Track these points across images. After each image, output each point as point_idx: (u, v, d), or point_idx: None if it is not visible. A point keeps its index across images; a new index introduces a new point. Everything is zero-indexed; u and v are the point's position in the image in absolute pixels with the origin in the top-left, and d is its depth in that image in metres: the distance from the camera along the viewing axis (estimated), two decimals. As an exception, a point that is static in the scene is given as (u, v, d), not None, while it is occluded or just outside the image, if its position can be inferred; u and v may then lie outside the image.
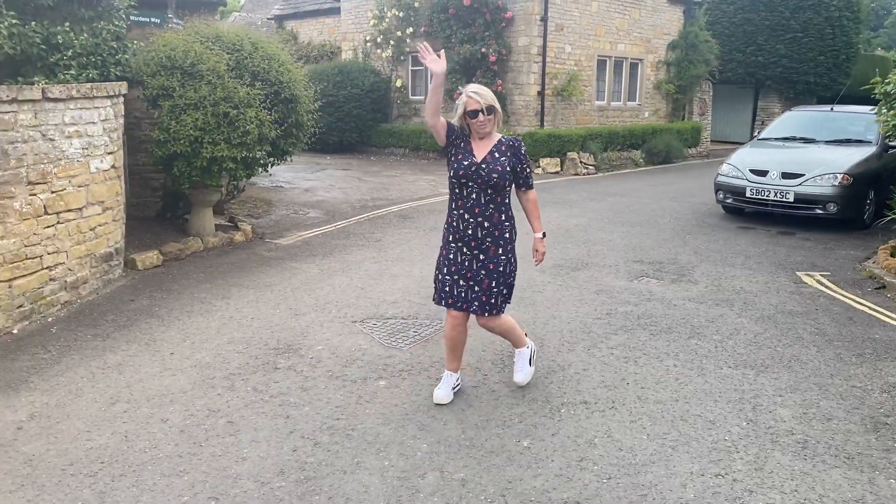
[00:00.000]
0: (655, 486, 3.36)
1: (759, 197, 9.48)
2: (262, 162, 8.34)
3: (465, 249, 4.11)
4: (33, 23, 6.69)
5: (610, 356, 4.96)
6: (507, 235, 4.15)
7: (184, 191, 7.88)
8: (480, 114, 4.00)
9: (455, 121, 4.14)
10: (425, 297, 6.26)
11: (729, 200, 9.97)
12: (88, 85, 6.17)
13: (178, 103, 7.12)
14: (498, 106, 4.08)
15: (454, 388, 4.35)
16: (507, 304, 4.30)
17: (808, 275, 7.18)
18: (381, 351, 5.05)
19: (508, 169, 4.05)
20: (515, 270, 4.25)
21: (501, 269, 4.13)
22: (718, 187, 10.09)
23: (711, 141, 22.21)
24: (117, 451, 3.75)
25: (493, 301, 4.15)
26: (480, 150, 4.07)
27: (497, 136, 4.15)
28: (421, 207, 10.83)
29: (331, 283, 6.70)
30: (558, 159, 15.92)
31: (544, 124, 16.50)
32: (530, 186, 4.25)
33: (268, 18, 27.17)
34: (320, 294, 6.37)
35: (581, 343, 5.20)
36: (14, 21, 6.48)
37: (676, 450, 3.70)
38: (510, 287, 4.23)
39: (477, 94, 4.04)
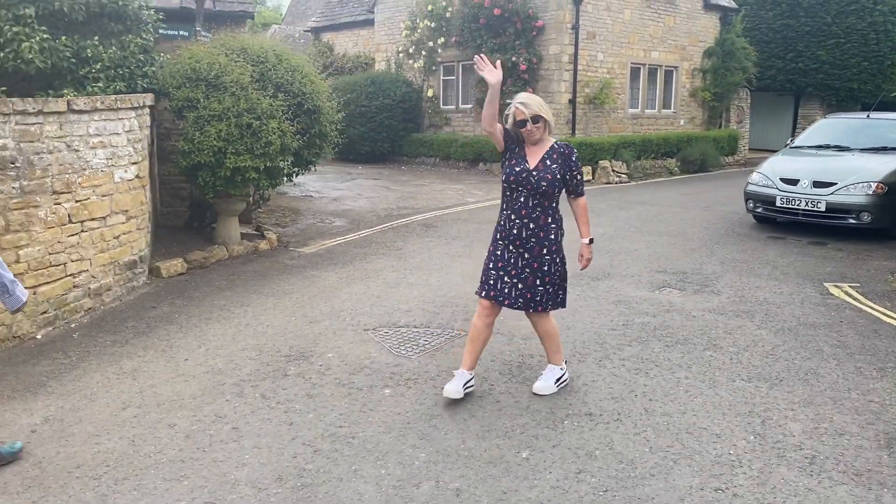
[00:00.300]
0: (652, 500, 3.31)
1: (790, 206, 9.28)
2: (286, 172, 8.45)
3: (511, 248, 4.29)
4: (64, 37, 6.90)
5: (621, 368, 4.89)
6: (552, 237, 4.29)
7: (209, 200, 8.02)
8: (528, 123, 4.15)
9: (508, 127, 4.29)
10: (439, 306, 6.27)
11: (759, 210, 9.78)
12: (113, 97, 6.34)
13: (202, 114, 7.27)
14: (546, 114, 4.18)
15: (466, 387, 4.37)
16: (560, 307, 4.44)
17: (836, 286, 6.99)
18: (390, 359, 5.06)
19: (559, 176, 4.21)
20: (562, 270, 4.37)
21: (546, 268, 4.29)
22: (748, 196, 9.91)
23: (750, 149, 21.83)
24: (123, 455, 3.82)
25: (537, 298, 4.31)
26: (533, 157, 4.24)
27: (550, 142, 4.29)
28: (445, 216, 10.84)
29: (348, 291, 6.75)
30: (590, 167, 15.79)
31: (576, 132, 16.41)
32: (580, 193, 4.38)
33: (304, 30, 27.58)
34: (336, 302, 6.42)
35: (593, 354, 5.14)
36: (45, 36, 6.69)
37: (678, 463, 3.63)
38: (557, 286, 4.36)
39: (523, 104, 4.17)
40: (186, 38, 8.82)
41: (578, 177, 4.31)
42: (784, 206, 9.34)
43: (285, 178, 8.62)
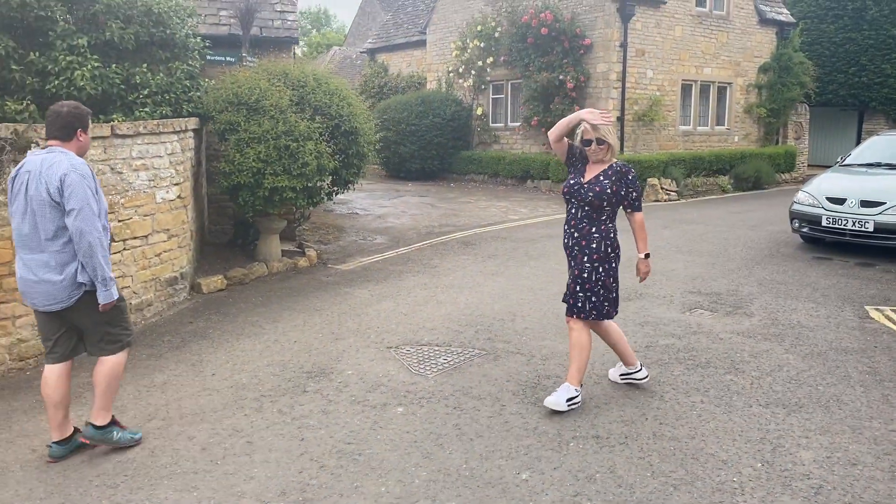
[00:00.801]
0: (645, 526, 3.30)
1: (836, 226, 9.03)
2: (325, 191, 8.68)
3: (567, 257, 4.68)
4: (114, 65, 7.27)
5: (636, 390, 4.87)
6: (593, 245, 4.52)
7: (249, 219, 8.30)
8: (593, 143, 4.49)
9: (576, 143, 4.64)
10: (464, 325, 6.34)
11: (805, 230, 9.54)
12: (155, 122, 6.66)
13: (242, 137, 7.55)
14: (611, 138, 4.50)
15: (570, 403, 4.49)
16: (606, 318, 4.66)
17: (877, 309, 6.78)
18: (407, 377, 5.15)
19: (609, 191, 4.46)
20: (603, 282, 4.55)
21: (585, 275, 4.53)
22: (794, 216, 9.68)
23: (809, 165, 21.23)
24: (141, 466, 4.01)
25: (578, 305, 4.57)
26: (590, 173, 4.55)
27: (609, 162, 4.56)
28: (485, 234, 10.92)
29: (377, 309, 6.89)
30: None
31: (624, 150, 16.27)
32: (636, 209, 4.60)
33: (360, 52, 28.15)
34: (364, 319, 6.56)
35: (610, 376, 5.13)
36: (96, 64, 7.06)
37: (678, 489, 3.61)
38: (601, 298, 4.56)
39: (595, 126, 4.46)
40: (233, 63, 9.17)
41: (633, 193, 4.54)
42: (830, 225, 9.09)
43: (325, 198, 8.83)
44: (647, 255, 4.70)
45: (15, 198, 4.01)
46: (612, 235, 4.59)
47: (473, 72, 18.89)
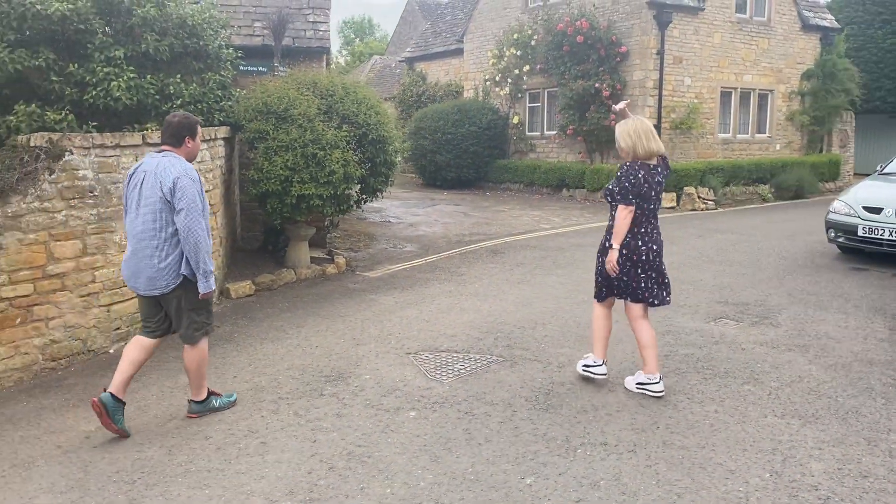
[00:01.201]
0: (645, 533, 3.29)
1: (873, 236, 8.82)
2: (354, 199, 8.81)
3: None
4: (149, 76, 7.51)
5: (650, 400, 4.84)
6: (604, 237, 5.06)
7: (277, 226, 8.47)
8: None
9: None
10: (485, 332, 6.37)
11: (840, 239, 9.35)
12: (185, 131, 6.84)
13: (271, 145, 7.73)
14: (621, 141, 4.89)
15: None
16: (634, 300, 5.01)
17: (909, 321, 6.62)
18: (423, 383, 5.21)
19: (608, 189, 4.97)
20: (600, 270, 5.05)
21: (599, 266, 5.07)
22: (829, 225, 9.49)
23: (854, 174, 20.69)
24: (159, 463, 4.14)
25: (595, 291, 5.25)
26: None
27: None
28: (515, 243, 10.93)
29: (399, 315, 6.96)
30: (674, 194, 15.48)
31: (661, 159, 16.09)
32: (617, 202, 4.86)
33: (399, 60, 28.42)
34: (386, 325, 6.64)
35: (624, 384, 5.10)
36: (132, 75, 7.31)
37: (682, 497, 3.59)
38: (596, 282, 5.18)
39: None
40: (265, 73, 9.39)
41: (613, 188, 4.88)
42: (866, 235, 8.89)
43: (354, 206, 8.96)
44: (611, 246, 4.89)
45: (131, 192, 4.57)
46: (611, 228, 4.95)
47: (510, 80, 18.93)
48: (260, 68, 9.41)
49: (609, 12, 16.42)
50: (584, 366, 5.14)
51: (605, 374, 5.12)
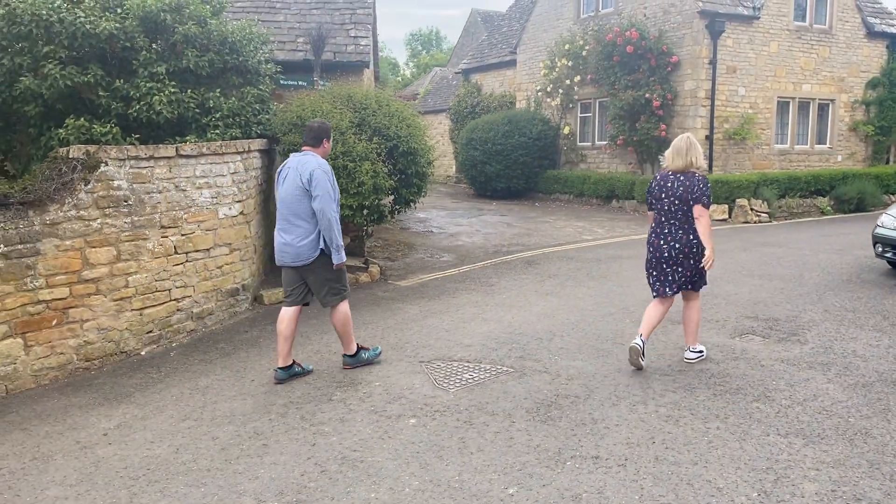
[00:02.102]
0: (616, 547, 3.29)
1: (921, 251, 8.47)
2: (388, 210, 8.97)
3: None
4: (190, 90, 7.86)
5: (652, 414, 4.80)
6: (695, 242, 5.72)
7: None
8: None
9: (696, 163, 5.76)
10: (500, 343, 6.42)
11: (888, 254, 8.99)
12: (218, 143, 7.15)
13: (304, 157, 7.94)
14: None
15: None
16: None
17: (948, 341, 6.34)
18: (429, 391, 5.29)
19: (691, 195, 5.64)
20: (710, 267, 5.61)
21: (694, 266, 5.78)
22: (876, 240, 9.14)
23: (925, 187, 19.79)
24: (164, 461, 4.34)
25: None
26: None
27: None
28: (552, 254, 10.90)
29: (421, 324, 7.07)
30: (726, 206, 15.15)
31: (713, 169, 15.82)
32: (707, 205, 5.59)
33: (456, 72, 28.64)
34: (406, 334, 6.75)
35: (630, 398, 5.08)
36: (173, 90, 7.67)
37: (661, 514, 3.56)
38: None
39: None
40: (304, 87, 9.67)
41: (688, 194, 5.57)
42: (914, 250, 8.54)
43: (388, 216, 9.12)
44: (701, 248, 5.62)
45: (280, 185, 5.62)
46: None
47: (561, 90, 18.90)
48: (300, 82, 9.70)
49: (660, 22, 16.23)
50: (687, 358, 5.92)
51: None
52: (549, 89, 19.31)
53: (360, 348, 5.89)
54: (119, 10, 7.81)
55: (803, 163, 17.34)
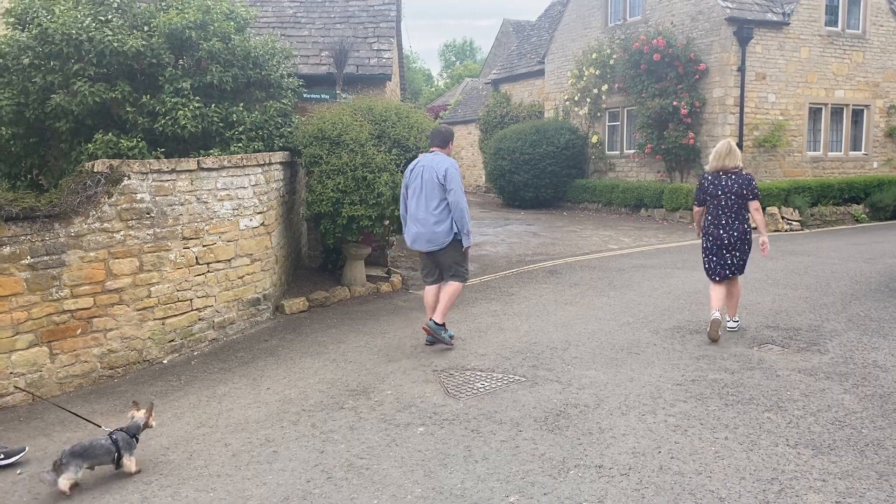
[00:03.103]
0: (611, 556, 3.30)
1: (951, 259, 8.27)
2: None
3: None
4: (213, 105, 8.05)
5: (661, 423, 4.78)
6: (746, 229, 6.96)
7: (330, 245, 8.83)
8: None
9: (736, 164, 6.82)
10: (515, 352, 6.44)
11: (918, 262, 8.82)
12: (239, 156, 7.31)
13: (324, 169, 8.10)
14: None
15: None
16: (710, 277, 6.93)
17: (974, 351, 6.20)
18: (439, 400, 5.34)
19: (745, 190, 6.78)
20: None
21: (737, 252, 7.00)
22: (906, 247, 8.97)
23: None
24: (177, 467, 4.46)
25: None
26: None
27: None
28: (576, 263, 10.88)
29: (437, 334, 7.11)
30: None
31: (742, 178, 15.61)
32: (757, 199, 6.80)
33: (485, 83, 28.76)
34: (421, 342, 6.81)
35: (640, 408, 5.06)
36: (198, 104, 7.86)
37: (660, 523, 3.56)
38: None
39: None
40: (327, 100, 9.83)
41: (745, 190, 6.71)
42: (944, 259, 8.35)
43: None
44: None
45: (413, 181, 6.56)
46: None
47: (589, 99, 18.88)
48: (323, 95, 9.87)
49: (688, 30, 16.14)
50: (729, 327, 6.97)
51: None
52: (576, 98, 19.30)
53: (444, 324, 6.57)
54: (146, 28, 8.04)
55: (837, 170, 17.05)
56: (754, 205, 6.68)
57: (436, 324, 6.49)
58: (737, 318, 7.06)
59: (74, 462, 4.12)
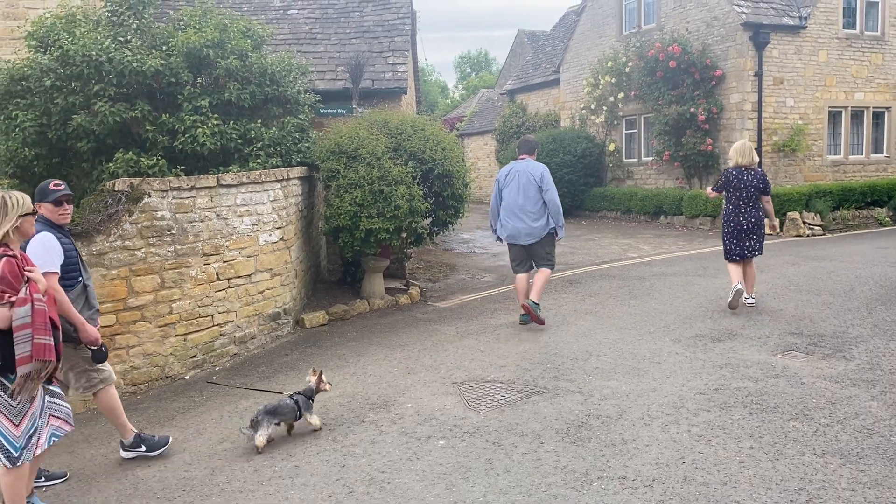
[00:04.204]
0: (636, 569, 3.26)
1: (978, 262, 8.13)
2: (426, 232, 9.08)
3: None
4: (232, 122, 8.13)
5: (685, 434, 4.73)
6: (760, 217, 8.16)
7: (348, 258, 8.86)
8: None
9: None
10: (535, 363, 6.41)
11: (944, 266, 8.69)
12: (258, 172, 7.36)
13: (341, 183, 8.14)
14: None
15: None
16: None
17: None
18: (460, 412, 5.32)
19: (761, 185, 8.08)
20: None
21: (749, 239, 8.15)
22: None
23: None
24: (200, 482, 4.48)
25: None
26: None
27: None
28: (595, 272, 10.82)
29: (457, 345, 7.11)
30: (777, 220, 14.76)
31: (762, 183, 15.49)
32: (769, 194, 8.14)
33: (501, 93, 28.80)
34: (441, 355, 6.80)
35: (662, 418, 5.01)
36: (216, 122, 7.93)
37: (685, 535, 3.52)
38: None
39: None
40: (344, 114, 9.89)
41: (761, 185, 7.99)
42: (971, 262, 8.21)
43: (427, 238, 9.22)
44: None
45: (508, 183, 7.65)
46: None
47: (605, 108, 18.84)
48: (340, 110, 9.94)
49: (703, 36, 16.08)
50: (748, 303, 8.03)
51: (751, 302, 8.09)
52: (592, 107, 19.27)
53: (534, 308, 7.50)
54: (165, 48, 8.15)
55: (858, 173, 16.86)
56: (766, 198, 7.98)
57: (535, 302, 7.46)
58: (753, 296, 8.12)
59: (268, 419, 4.87)
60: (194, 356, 6.75)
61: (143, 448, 4.92)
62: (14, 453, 3.77)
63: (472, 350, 6.92)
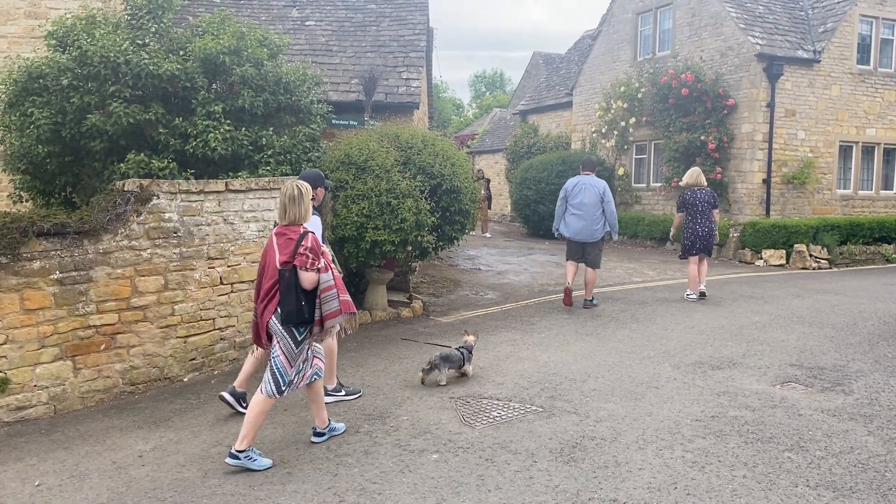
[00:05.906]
0: (621, 592, 3.25)
1: (983, 302, 8.10)
2: (432, 246, 9.11)
3: None
4: (244, 128, 8.20)
5: (678, 460, 4.72)
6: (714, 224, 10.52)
7: (352, 269, 8.88)
8: None
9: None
10: (533, 382, 6.41)
11: (949, 305, 8.67)
12: (266, 179, 7.42)
13: (349, 194, 8.19)
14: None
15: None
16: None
17: None
18: (455, 427, 5.32)
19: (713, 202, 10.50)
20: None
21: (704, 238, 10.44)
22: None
23: None
24: (192, 484, 4.49)
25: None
26: None
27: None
28: (599, 295, 10.78)
29: (456, 362, 7.10)
30: (783, 251, 14.78)
31: (770, 213, 15.51)
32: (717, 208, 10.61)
33: (513, 113, 28.94)
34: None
35: (657, 443, 5.00)
36: (228, 128, 8.02)
37: (673, 561, 3.50)
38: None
39: None
40: (356, 126, 9.97)
41: (713, 201, 10.48)
42: (976, 302, 8.18)
43: (432, 252, 9.25)
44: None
45: (575, 195, 9.44)
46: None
47: (616, 132, 18.90)
48: (352, 122, 10.02)
49: (717, 65, 16.15)
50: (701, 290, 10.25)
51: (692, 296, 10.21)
52: (604, 130, 19.34)
53: (594, 300, 9.72)
54: (182, 53, 8.25)
55: (868, 209, 16.83)
56: (716, 211, 10.36)
57: (589, 300, 9.69)
58: (703, 289, 10.35)
59: (444, 363, 6.21)
60: (194, 359, 6.78)
61: (343, 393, 5.99)
62: (283, 387, 4.71)
63: (472, 366, 6.91)
